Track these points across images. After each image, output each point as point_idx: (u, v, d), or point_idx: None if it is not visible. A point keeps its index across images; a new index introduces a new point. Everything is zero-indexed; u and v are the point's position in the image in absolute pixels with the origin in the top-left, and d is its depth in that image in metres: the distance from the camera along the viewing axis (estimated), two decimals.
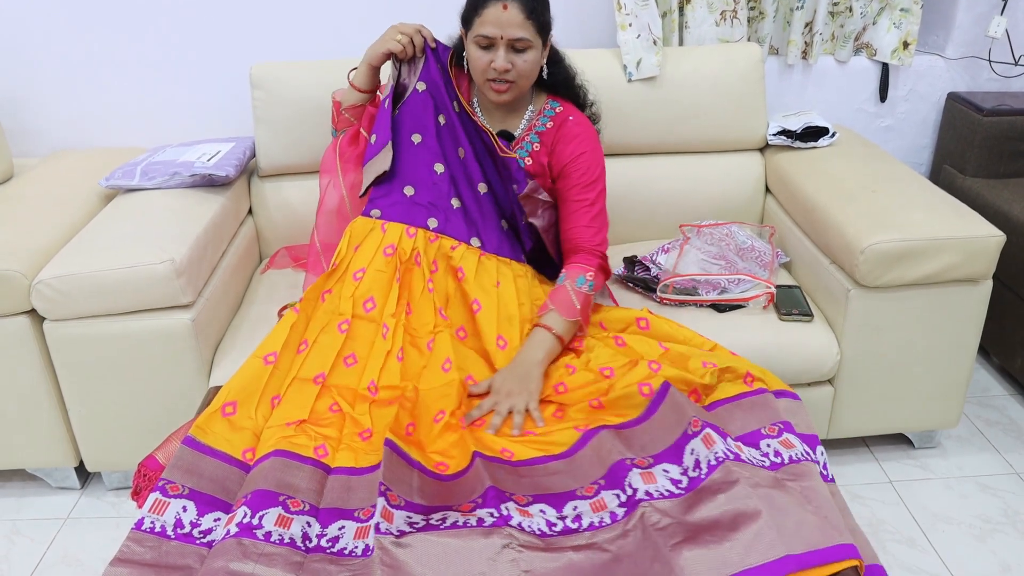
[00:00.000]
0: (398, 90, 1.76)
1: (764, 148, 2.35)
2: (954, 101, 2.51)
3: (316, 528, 1.21)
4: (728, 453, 1.25)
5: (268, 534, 1.16)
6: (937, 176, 2.59)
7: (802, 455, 1.30)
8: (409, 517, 1.17)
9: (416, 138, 1.74)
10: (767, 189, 2.33)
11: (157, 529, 1.19)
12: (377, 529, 1.12)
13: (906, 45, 2.43)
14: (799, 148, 2.26)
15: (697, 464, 1.25)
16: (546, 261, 1.83)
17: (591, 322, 1.70)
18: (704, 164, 2.30)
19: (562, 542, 1.16)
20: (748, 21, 2.41)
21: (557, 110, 1.78)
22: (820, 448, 1.37)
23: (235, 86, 2.33)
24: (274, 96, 2.13)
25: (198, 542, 1.19)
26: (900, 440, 2.13)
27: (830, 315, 1.92)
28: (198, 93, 2.41)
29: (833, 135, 2.27)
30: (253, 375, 1.45)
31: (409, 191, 1.72)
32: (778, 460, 1.29)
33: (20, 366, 1.80)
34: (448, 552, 1.11)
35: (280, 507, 1.20)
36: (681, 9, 2.37)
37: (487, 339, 1.61)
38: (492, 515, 1.18)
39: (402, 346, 1.56)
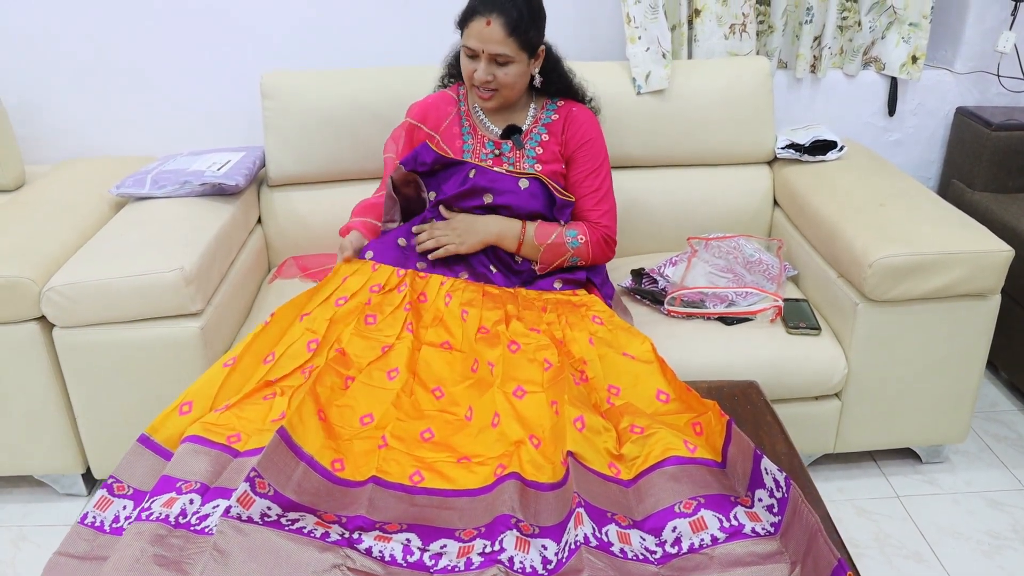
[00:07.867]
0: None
1: (772, 161, 2.35)
2: (963, 116, 2.51)
3: (195, 506, 1.22)
4: (593, 538, 1.14)
5: (151, 514, 1.18)
6: (945, 191, 2.59)
7: (713, 539, 1.17)
8: (269, 507, 1.15)
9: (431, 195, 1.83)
10: (775, 202, 2.33)
11: (97, 524, 1.24)
12: (227, 512, 1.12)
13: (915, 59, 2.43)
14: (807, 161, 2.26)
15: (566, 544, 1.16)
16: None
17: (565, 303, 1.74)
18: (712, 177, 2.30)
19: (401, 575, 1.13)
20: (757, 35, 2.42)
21: (559, 104, 1.89)
22: (793, 487, 1.18)
23: (246, 95, 2.34)
24: (285, 106, 2.15)
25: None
26: (908, 455, 2.12)
27: (838, 329, 1.92)
28: (209, 102, 2.42)
29: (841, 149, 2.27)
30: (212, 378, 1.47)
31: (402, 242, 1.80)
32: (673, 551, 1.17)
33: (29, 373, 1.81)
34: (279, 554, 1.10)
35: (173, 491, 1.23)
36: (690, 22, 2.38)
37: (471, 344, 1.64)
38: (342, 535, 1.16)
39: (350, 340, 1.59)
